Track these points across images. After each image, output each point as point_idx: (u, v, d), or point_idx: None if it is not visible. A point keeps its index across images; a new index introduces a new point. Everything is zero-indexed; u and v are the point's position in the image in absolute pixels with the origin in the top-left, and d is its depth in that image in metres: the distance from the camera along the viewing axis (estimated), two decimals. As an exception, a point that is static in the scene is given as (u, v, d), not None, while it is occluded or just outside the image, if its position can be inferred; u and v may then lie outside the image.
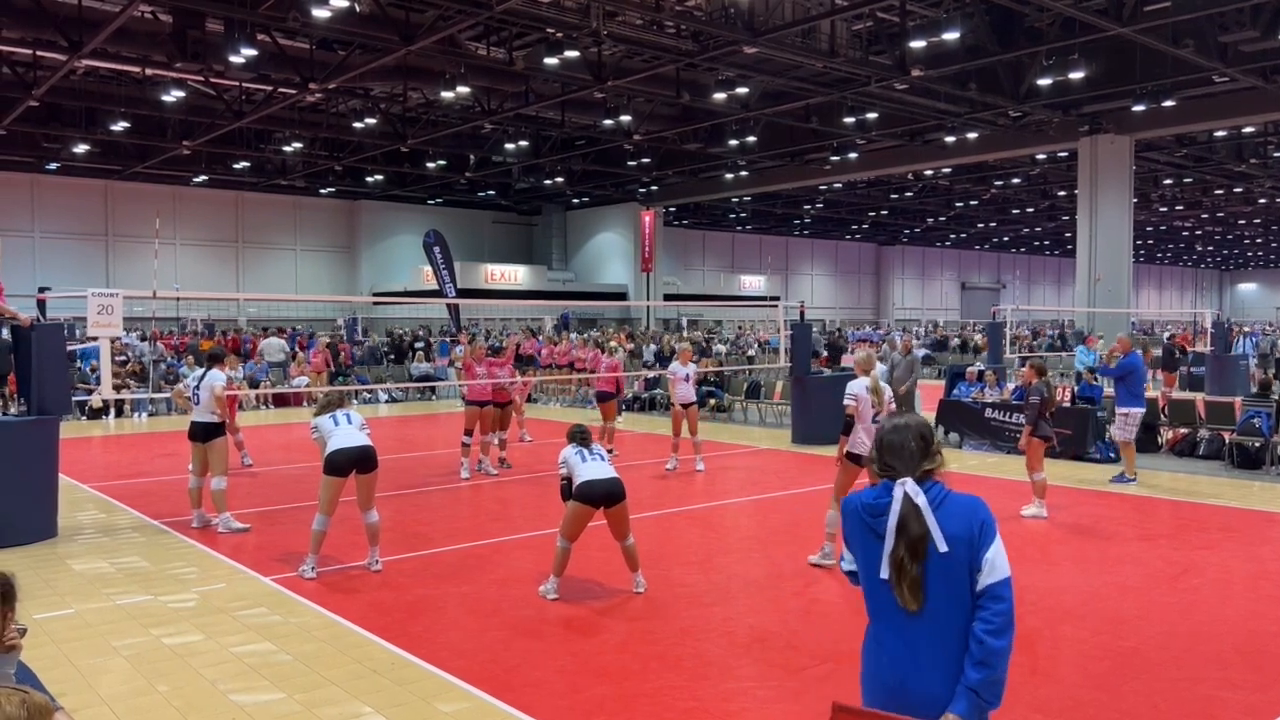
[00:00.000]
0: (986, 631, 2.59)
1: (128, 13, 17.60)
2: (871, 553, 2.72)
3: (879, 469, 2.81)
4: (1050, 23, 19.89)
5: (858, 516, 2.78)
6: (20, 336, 8.80)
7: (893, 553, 2.65)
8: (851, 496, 2.85)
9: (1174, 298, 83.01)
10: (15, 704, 2.23)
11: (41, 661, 5.22)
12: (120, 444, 16.24)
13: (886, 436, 2.84)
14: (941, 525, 2.64)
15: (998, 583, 2.63)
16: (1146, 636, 6.01)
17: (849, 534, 2.84)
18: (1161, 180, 38.69)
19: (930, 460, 2.77)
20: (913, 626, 2.65)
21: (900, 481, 2.71)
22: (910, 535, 2.64)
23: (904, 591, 2.63)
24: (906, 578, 2.63)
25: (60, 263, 35.19)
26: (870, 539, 2.73)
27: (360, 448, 7.32)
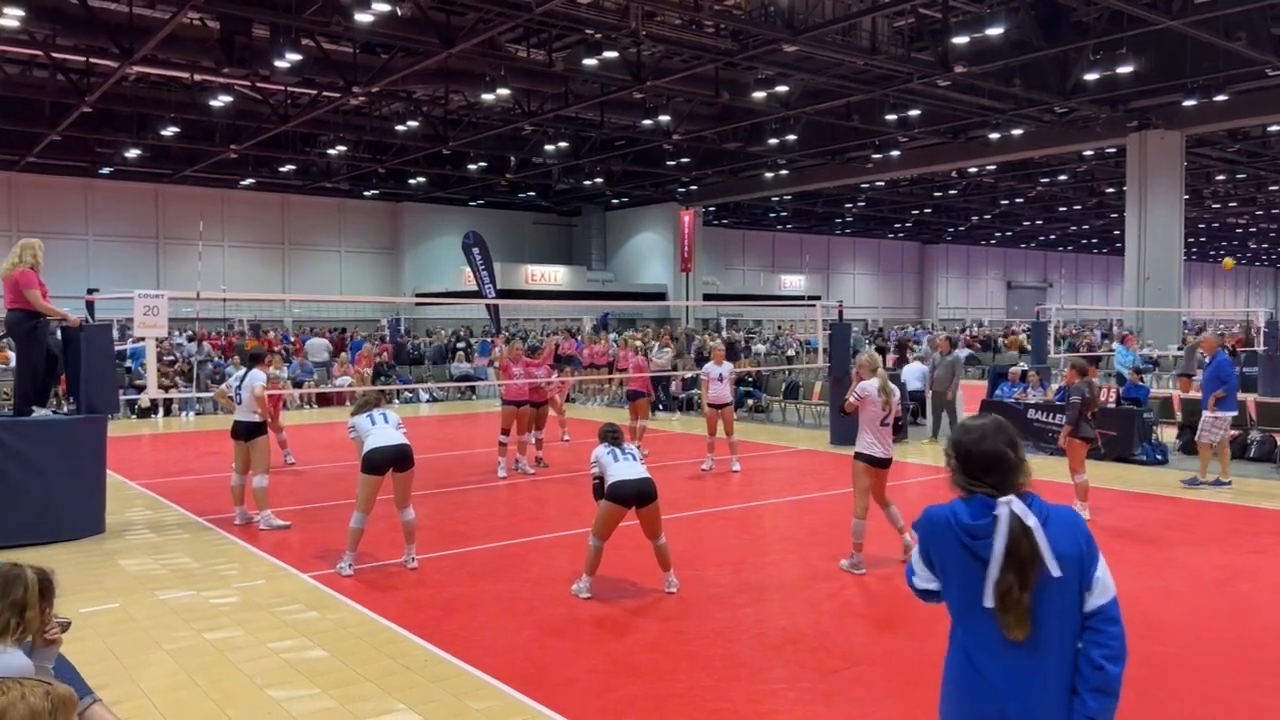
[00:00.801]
0: (1105, 656, 2.42)
1: (177, 20, 17.98)
2: (971, 577, 2.47)
3: (966, 483, 2.56)
4: (1098, 16, 19.55)
5: (953, 536, 2.52)
6: (70, 337, 9.02)
7: (1000, 580, 2.42)
8: (940, 511, 2.58)
9: (1227, 296, 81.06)
10: (40, 695, 2.29)
11: (86, 655, 5.35)
12: (167, 442, 16.59)
13: (974, 445, 2.57)
14: (1051, 544, 2.43)
15: (1109, 602, 2.47)
16: (1189, 642, 5.88)
17: (935, 552, 2.59)
18: (1214, 176, 37.83)
19: (1027, 472, 2.56)
20: (1017, 654, 2.44)
21: (1005, 500, 2.48)
22: (1021, 560, 2.41)
23: (1011, 621, 2.42)
24: (1015, 607, 2.41)
25: (112, 265, 36.02)
26: (969, 562, 2.48)
27: (397, 446, 7.39)
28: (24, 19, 17.28)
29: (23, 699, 2.26)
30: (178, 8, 17.42)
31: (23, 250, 8.54)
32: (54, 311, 8.73)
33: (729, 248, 54.83)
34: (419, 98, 26.36)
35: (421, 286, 43.38)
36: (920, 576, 2.67)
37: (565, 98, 24.99)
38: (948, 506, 2.58)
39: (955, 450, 2.63)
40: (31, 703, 2.26)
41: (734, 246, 55.32)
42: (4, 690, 2.28)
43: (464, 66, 22.58)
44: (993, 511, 2.47)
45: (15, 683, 2.33)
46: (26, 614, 3.01)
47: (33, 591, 3.04)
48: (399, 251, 44.93)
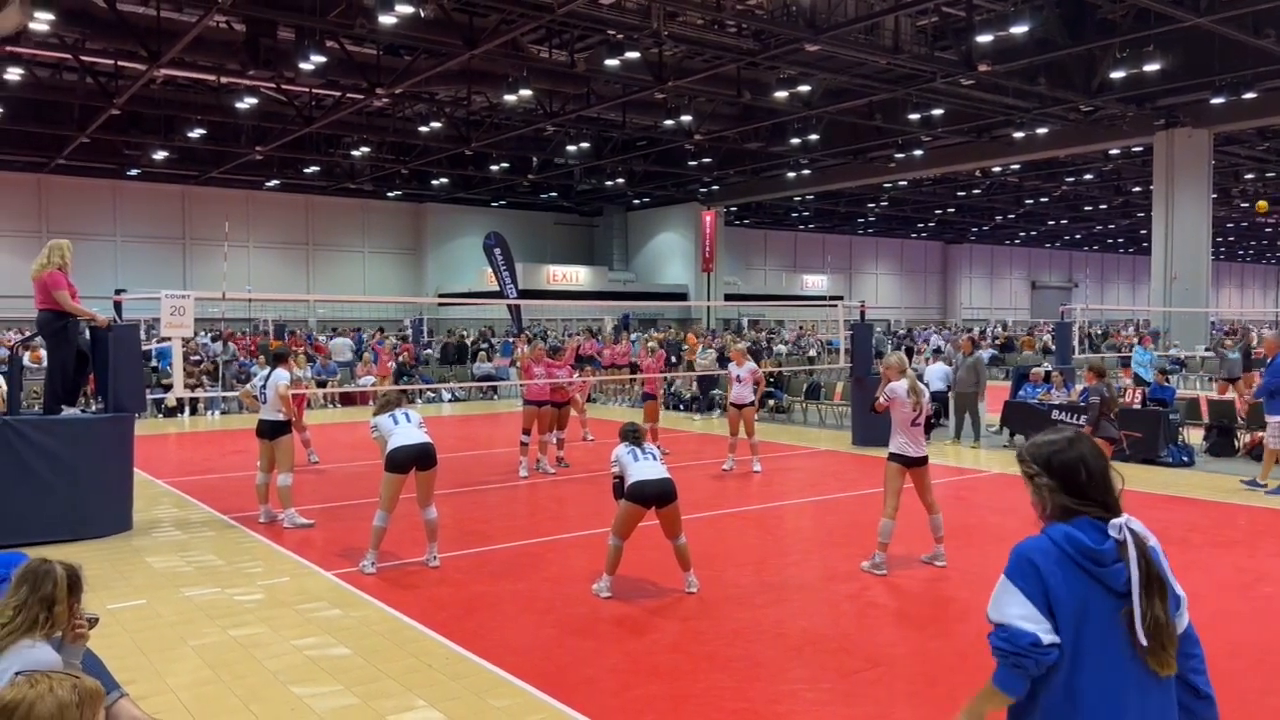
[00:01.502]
0: (1207, 684, 2.26)
1: (203, 23, 18.19)
2: (1105, 613, 2.18)
3: (1074, 504, 2.26)
4: (1124, 14, 19.37)
5: (1072, 566, 2.18)
6: (98, 337, 9.15)
7: (1146, 611, 2.17)
8: (1042, 543, 2.24)
9: (1256, 297, 79.99)
10: (67, 688, 2.33)
11: (113, 650, 5.43)
12: (193, 441, 16.77)
13: (1083, 457, 2.29)
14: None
15: (1190, 622, 2.30)
16: (1214, 646, 5.77)
17: (1056, 589, 2.19)
18: (1242, 175, 37.36)
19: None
20: (1159, 692, 2.19)
21: (1120, 520, 2.23)
22: (1161, 585, 2.20)
23: (1165, 655, 2.17)
24: (1169, 638, 2.17)
25: (140, 265, 36.47)
26: (1102, 596, 2.18)
27: (420, 445, 7.44)
28: (54, 23, 17.53)
29: (51, 692, 2.30)
30: (204, 11, 17.62)
31: (51, 251, 8.66)
32: (82, 312, 8.85)
33: (750, 248, 54.73)
34: (442, 99, 26.51)
35: (444, 287, 43.59)
36: (1040, 628, 2.17)
37: (587, 98, 25.05)
38: (1048, 536, 2.25)
39: (1048, 465, 2.31)
40: (60, 695, 2.30)
41: (755, 246, 55.22)
42: (33, 683, 2.33)
43: (486, 68, 22.69)
44: (1109, 534, 2.22)
45: (44, 676, 2.38)
46: (55, 609, 3.07)
47: (61, 587, 3.09)
48: (422, 252, 45.18)
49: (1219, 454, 13.54)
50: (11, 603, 3.04)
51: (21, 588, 3.07)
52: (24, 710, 2.27)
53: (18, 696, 2.29)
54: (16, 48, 20.15)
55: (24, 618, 3.00)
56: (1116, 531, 2.22)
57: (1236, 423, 13.73)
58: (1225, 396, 13.33)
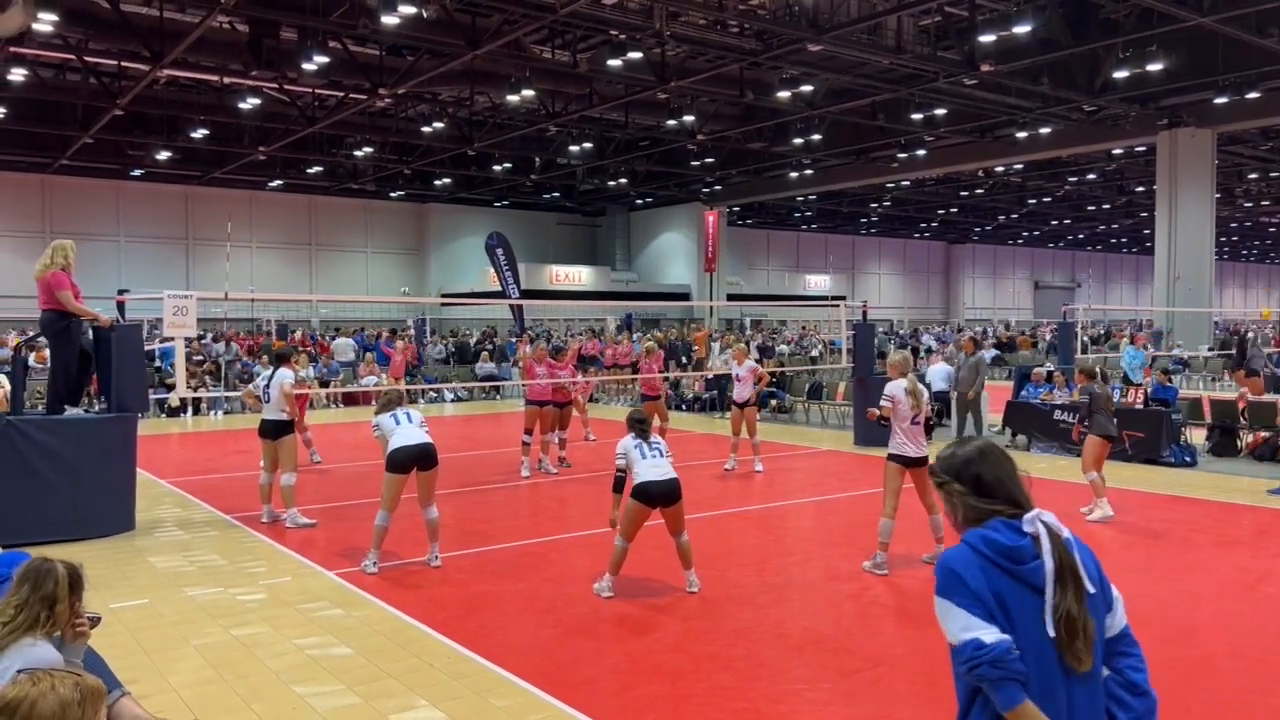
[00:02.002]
0: (1145, 681, 2.25)
1: (206, 23, 18.22)
2: (1029, 610, 2.17)
3: (983, 504, 2.29)
4: (1127, 14, 19.35)
5: (994, 568, 2.18)
6: (101, 337, 9.16)
7: (1058, 604, 2.17)
8: (962, 551, 2.24)
9: (1260, 297, 79.84)
10: (69, 686, 2.34)
11: (116, 649, 5.44)
12: (196, 441, 16.79)
13: (981, 462, 2.33)
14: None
15: (1128, 623, 2.29)
16: (1216, 646, 5.82)
17: (987, 592, 2.17)
18: (1246, 175, 37.31)
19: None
20: (1078, 687, 2.19)
21: (1033, 515, 2.24)
22: (1074, 577, 2.19)
23: (1080, 647, 2.16)
24: (1081, 631, 2.16)
25: (143, 265, 36.52)
26: (1025, 594, 2.18)
27: (421, 445, 7.44)
28: (57, 23, 17.55)
29: (53, 689, 2.31)
30: (207, 11, 17.65)
31: (54, 252, 8.68)
32: (85, 312, 8.87)
33: (753, 248, 54.72)
34: (444, 99, 26.53)
35: (447, 287, 43.62)
36: (975, 628, 2.14)
37: (590, 98, 25.05)
38: (966, 543, 2.26)
39: (958, 473, 2.34)
40: (61, 694, 2.31)
41: (758, 246, 55.21)
42: (35, 681, 2.34)
43: (489, 68, 22.70)
44: (1024, 530, 2.22)
45: (46, 674, 2.38)
46: (57, 608, 3.07)
47: (63, 585, 3.10)
48: (424, 252, 45.22)
49: (1221, 454, 13.52)
50: (13, 601, 3.05)
51: (23, 586, 3.08)
52: (26, 708, 2.28)
53: (20, 694, 2.30)
54: (20, 48, 20.19)
55: (25, 616, 3.00)
56: (1030, 525, 2.22)
57: (1239, 423, 13.71)
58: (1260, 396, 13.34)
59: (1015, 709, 2.11)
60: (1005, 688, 2.11)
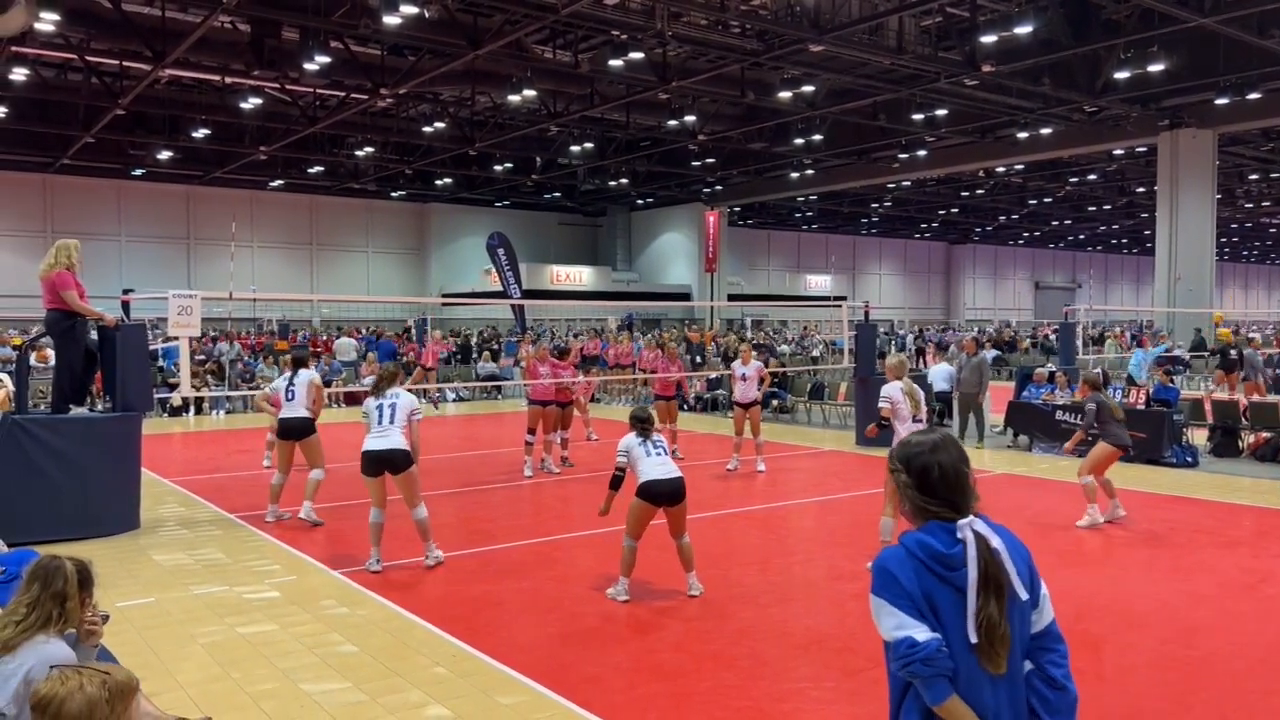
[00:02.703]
0: (1065, 676, 2.32)
1: (208, 23, 18.23)
2: (959, 613, 2.23)
3: (922, 501, 2.33)
4: (1128, 14, 19.37)
5: (926, 571, 2.25)
6: (105, 336, 9.18)
7: (980, 611, 2.22)
8: (897, 552, 2.31)
9: (1260, 297, 79.87)
10: (97, 685, 2.35)
11: (123, 648, 5.46)
12: (199, 440, 16.82)
13: (931, 458, 2.34)
14: (1014, 563, 2.30)
15: (1054, 620, 2.36)
16: (1219, 646, 5.84)
17: (919, 593, 2.24)
18: (1247, 175, 37.32)
19: (977, 494, 2.38)
20: (997, 688, 2.26)
21: (965, 522, 2.28)
22: (997, 586, 2.24)
23: (996, 653, 2.22)
24: (999, 639, 2.22)
25: (144, 265, 36.55)
26: (954, 597, 2.24)
27: (383, 452, 7.34)
28: (59, 23, 17.57)
29: (80, 689, 2.33)
30: (209, 11, 17.67)
31: (59, 251, 8.71)
32: (90, 311, 8.89)
33: (754, 248, 54.74)
34: (446, 99, 26.55)
35: (448, 286, 43.65)
36: (908, 626, 2.21)
37: (591, 98, 25.07)
38: (902, 544, 2.32)
39: (907, 464, 2.37)
40: (89, 692, 2.33)
41: (759, 247, 55.22)
42: (64, 679, 2.36)
43: (490, 68, 22.72)
44: (958, 536, 2.27)
45: (75, 672, 2.40)
46: (67, 605, 3.09)
47: (72, 583, 3.12)
48: (425, 252, 45.24)
49: (1223, 454, 13.54)
50: (24, 600, 3.07)
51: (33, 585, 3.10)
52: (55, 707, 2.31)
53: (49, 693, 2.33)
54: (22, 47, 20.22)
55: (37, 614, 3.02)
56: (960, 533, 2.27)
57: (1241, 423, 13.72)
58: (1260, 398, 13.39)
59: (943, 704, 2.21)
60: (935, 684, 2.20)
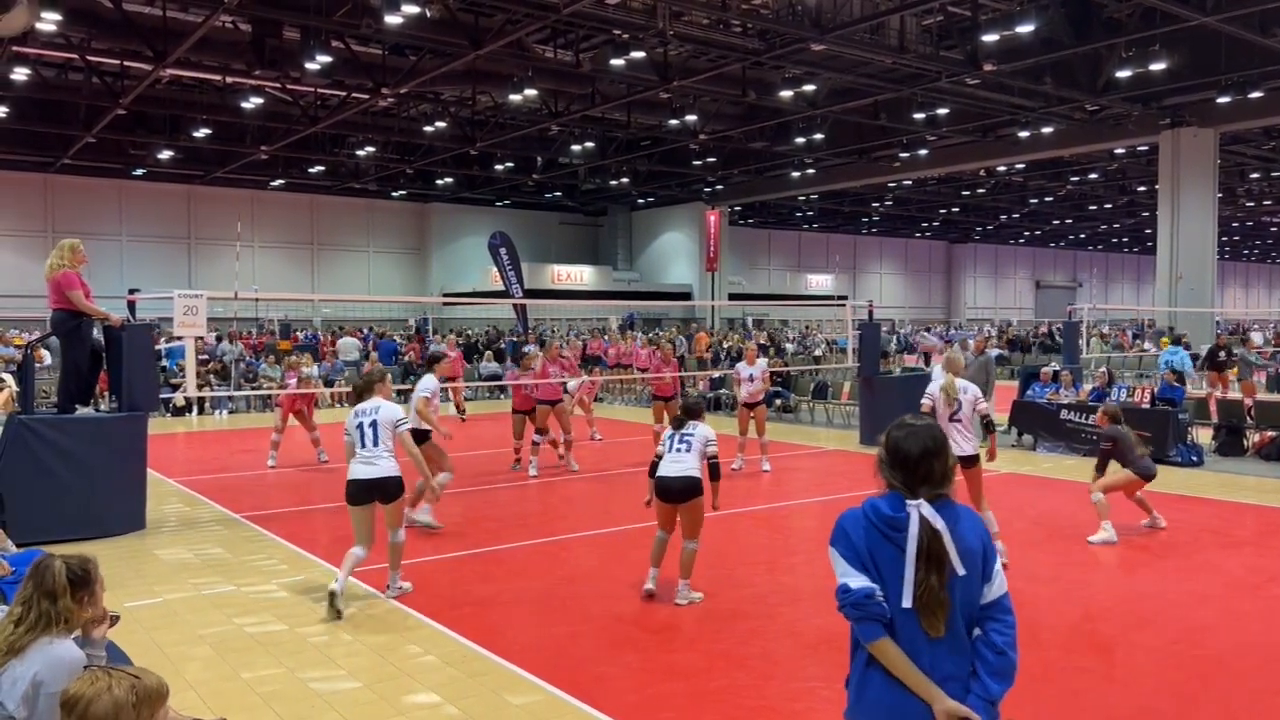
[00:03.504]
0: (1007, 644, 2.55)
1: (209, 23, 18.21)
2: (897, 571, 2.53)
3: (889, 475, 2.61)
4: (1130, 13, 19.36)
5: (874, 530, 2.56)
6: (111, 336, 9.18)
7: (919, 581, 2.51)
8: (855, 510, 2.63)
9: (1261, 296, 79.88)
10: (125, 688, 2.34)
11: (132, 647, 5.44)
12: (202, 440, 16.82)
13: (901, 441, 2.62)
14: (959, 540, 2.53)
15: (1006, 594, 2.60)
16: (1227, 645, 5.84)
17: (863, 547, 2.56)
18: (1248, 174, 37.31)
19: (949, 482, 2.61)
20: (937, 649, 2.53)
21: (915, 503, 2.55)
22: (936, 561, 2.51)
23: (934, 618, 2.50)
24: (935, 604, 2.50)
25: (145, 265, 36.53)
26: (894, 552, 2.54)
27: (370, 481, 6.39)
28: (60, 23, 17.55)
29: (109, 690, 2.32)
30: (210, 11, 17.65)
31: (64, 251, 8.70)
32: (96, 311, 8.88)
33: (755, 247, 54.74)
34: (447, 99, 26.53)
35: (449, 286, 43.64)
36: (849, 575, 2.56)
37: (592, 98, 25.06)
38: (861, 506, 2.63)
39: (886, 443, 2.67)
40: (116, 695, 2.32)
41: (760, 246, 55.22)
42: (93, 680, 2.35)
43: (492, 68, 22.70)
44: (906, 509, 2.55)
45: (105, 673, 2.39)
46: (59, 602, 3.07)
47: (60, 579, 3.09)
48: (426, 252, 45.22)
49: (1228, 454, 13.55)
50: (19, 599, 3.09)
51: (28, 583, 3.11)
52: (82, 707, 2.30)
53: (78, 692, 2.33)
54: (23, 47, 20.19)
55: (34, 614, 3.02)
56: (910, 509, 2.54)
57: (1246, 422, 13.72)
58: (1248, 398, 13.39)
59: (874, 643, 2.54)
60: (865, 625, 2.55)
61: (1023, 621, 6.42)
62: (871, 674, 2.59)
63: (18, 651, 2.95)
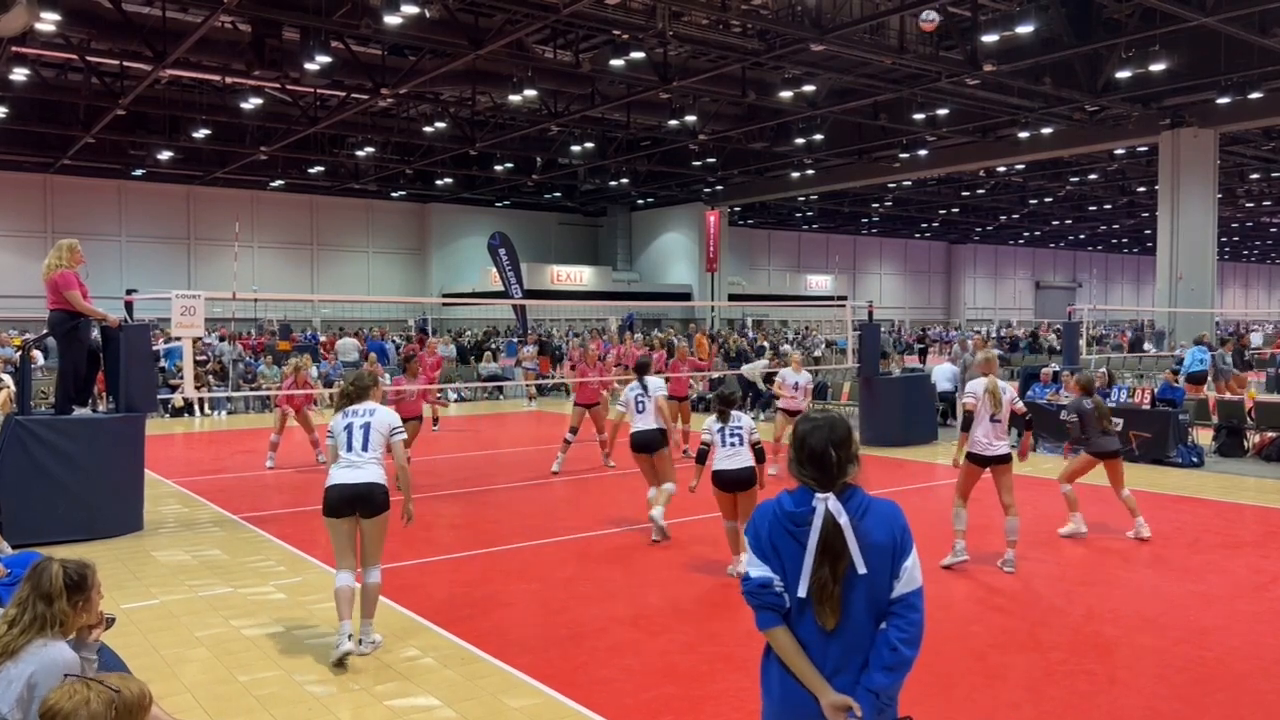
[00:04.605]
0: (901, 640, 2.57)
1: (209, 23, 18.19)
2: (796, 563, 2.59)
3: (796, 471, 2.68)
4: (1130, 13, 19.34)
5: (779, 524, 2.64)
6: (109, 337, 9.14)
7: (814, 573, 2.56)
8: (768, 504, 2.71)
9: (1261, 297, 79.89)
10: (104, 702, 2.30)
11: (129, 650, 5.42)
12: (200, 441, 16.78)
13: (807, 438, 2.67)
14: (864, 535, 2.57)
15: (913, 592, 2.60)
16: (1231, 647, 5.80)
17: (766, 540, 2.65)
18: (1248, 175, 37.32)
19: (851, 469, 2.65)
20: (830, 640, 2.59)
21: (821, 497, 2.60)
22: (834, 555, 2.55)
23: (824, 610, 2.57)
24: (828, 598, 2.56)
25: (145, 265, 36.52)
26: (796, 547, 2.60)
27: (355, 487, 5.59)
28: (60, 23, 17.53)
29: (86, 704, 2.29)
30: (210, 11, 17.63)
31: (62, 251, 8.67)
32: (94, 312, 8.84)
33: (754, 248, 54.74)
34: (446, 99, 26.51)
35: (448, 286, 43.62)
36: (752, 565, 2.67)
37: (592, 98, 25.04)
38: (775, 499, 2.70)
39: (794, 438, 2.74)
40: (94, 709, 2.29)
41: (759, 246, 55.22)
42: (72, 692, 2.32)
43: (491, 68, 22.69)
44: (812, 503, 2.60)
45: (85, 685, 2.36)
46: (54, 605, 3.05)
47: (57, 582, 3.07)
48: (426, 252, 45.22)
49: (1228, 454, 13.52)
50: (15, 600, 3.06)
51: (25, 585, 3.09)
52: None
53: (55, 704, 2.29)
54: (22, 47, 20.17)
55: (30, 615, 3.00)
56: (815, 503, 2.60)
57: (1246, 423, 13.69)
58: (1226, 396, 13.34)
59: (768, 631, 2.64)
60: (761, 614, 2.64)
61: (1025, 622, 6.43)
62: (773, 660, 2.68)
63: (12, 653, 2.93)
